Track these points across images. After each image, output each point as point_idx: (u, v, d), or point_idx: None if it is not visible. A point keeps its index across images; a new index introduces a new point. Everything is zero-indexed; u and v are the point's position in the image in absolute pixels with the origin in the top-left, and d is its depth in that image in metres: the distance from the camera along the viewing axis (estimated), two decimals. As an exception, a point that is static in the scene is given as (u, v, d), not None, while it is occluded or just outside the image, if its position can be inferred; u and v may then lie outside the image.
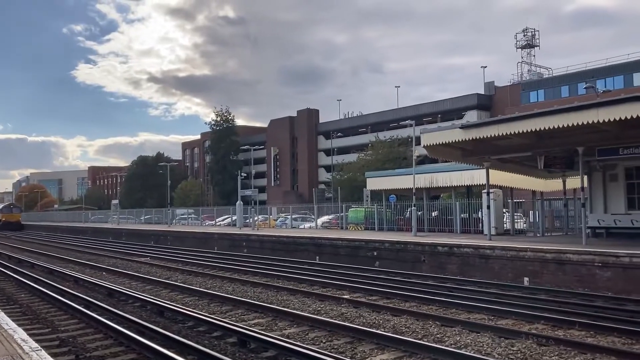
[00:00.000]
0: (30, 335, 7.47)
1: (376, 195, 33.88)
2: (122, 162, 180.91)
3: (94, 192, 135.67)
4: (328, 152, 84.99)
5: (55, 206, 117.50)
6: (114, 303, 13.62)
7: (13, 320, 8.42)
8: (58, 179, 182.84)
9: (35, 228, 72.08)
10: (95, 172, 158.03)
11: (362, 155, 62.80)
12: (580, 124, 15.46)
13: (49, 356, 6.08)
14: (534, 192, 28.59)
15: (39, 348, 6.39)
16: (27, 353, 6.08)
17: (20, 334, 7.16)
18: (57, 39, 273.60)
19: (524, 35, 74.38)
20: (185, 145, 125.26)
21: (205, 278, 18.90)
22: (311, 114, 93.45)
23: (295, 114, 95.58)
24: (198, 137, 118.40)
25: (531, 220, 28.16)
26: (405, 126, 36.17)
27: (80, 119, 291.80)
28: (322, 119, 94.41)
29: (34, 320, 11.68)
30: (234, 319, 11.51)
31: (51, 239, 47.74)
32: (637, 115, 14.22)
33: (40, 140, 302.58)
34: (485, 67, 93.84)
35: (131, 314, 11.64)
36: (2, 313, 8.80)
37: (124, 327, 10.00)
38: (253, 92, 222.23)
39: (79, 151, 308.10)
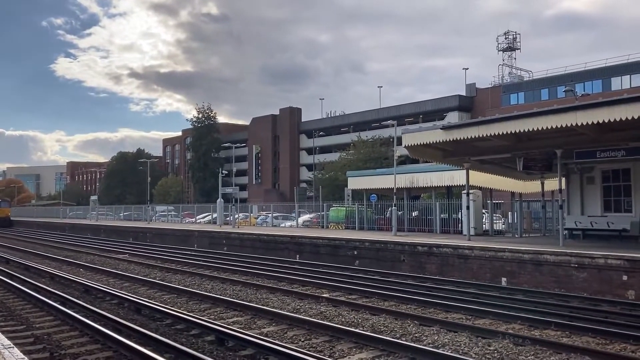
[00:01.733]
0: (2, 332, 7.35)
1: (357, 194, 33.95)
2: (102, 158, 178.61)
3: (72, 188, 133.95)
4: (310, 151, 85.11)
5: (32, 201, 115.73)
6: (91, 300, 13.46)
7: (-14, 317, 8.27)
8: (36, 174, 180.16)
9: (11, 223, 70.79)
10: (74, 168, 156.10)
11: (344, 154, 62.89)
12: (559, 126, 15.65)
13: (21, 354, 5.96)
14: (513, 193, 28.87)
15: (12, 345, 6.27)
16: (-1, 350, 5.96)
17: (-8, 331, 7.03)
18: (36, 32, 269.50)
19: (506, 38, 75.18)
20: (166, 142, 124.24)
21: (185, 276, 18.77)
22: (293, 113, 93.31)
23: (277, 113, 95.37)
24: (179, 133, 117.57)
25: (510, 221, 28.44)
26: (387, 126, 36.30)
27: (59, 114, 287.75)
28: (305, 117, 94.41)
29: (7, 317, 11.49)
30: (212, 317, 11.45)
31: (28, 235, 46.98)
32: (614, 119, 14.44)
33: (17, 135, 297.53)
34: (467, 69, 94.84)
35: (108, 312, 11.50)
36: (-25, 309, 8.64)
37: (100, 325, 9.89)
38: (235, 90, 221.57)
39: (58, 146, 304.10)
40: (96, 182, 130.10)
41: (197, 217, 47.27)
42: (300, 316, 11.20)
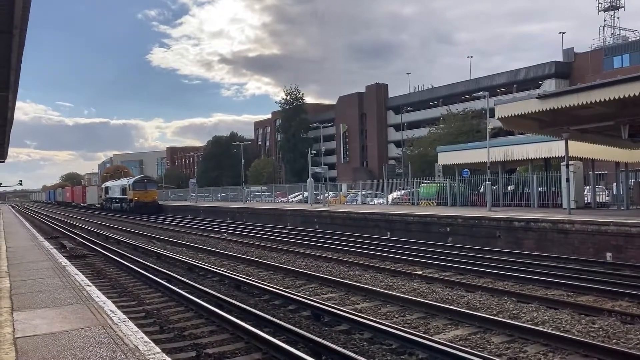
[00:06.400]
0: (118, 307, 7.95)
1: (448, 170, 33.20)
2: (198, 142, 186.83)
3: (172, 172, 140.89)
4: (398, 127, 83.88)
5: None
6: (194, 277, 14.23)
7: (103, 293, 8.99)
8: (139, 159, 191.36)
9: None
10: (173, 153, 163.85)
11: (433, 129, 61.51)
12: (669, 89, 14.42)
13: (135, 327, 6.46)
14: (617, 163, 27.10)
15: (127, 319, 6.81)
16: (116, 324, 6.49)
17: (109, 305, 7.65)
18: (133, 24, 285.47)
19: (607, -4, 69.83)
20: (257, 125, 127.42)
21: (279, 253, 19.36)
22: (380, 89, 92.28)
23: (363, 90, 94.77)
24: (269, 116, 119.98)
25: (614, 193, 26.74)
26: (478, 98, 34.82)
27: (157, 102, 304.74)
28: (391, 93, 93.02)
29: (121, 294, 12.41)
30: (307, 293, 11.76)
31: (134, 217, 50.13)
32: None
33: (121, 123, 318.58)
34: (564, 33, 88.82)
35: (210, 288, 12.13)
36: (93, 287, 9.41)
37: (203, 301, 10.45)
38: (321, 70, 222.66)
39: (157, 133, 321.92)
40: (194, 166, 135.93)
41: (289, 196, 48.39)
42: (393, 293, 11.24)
